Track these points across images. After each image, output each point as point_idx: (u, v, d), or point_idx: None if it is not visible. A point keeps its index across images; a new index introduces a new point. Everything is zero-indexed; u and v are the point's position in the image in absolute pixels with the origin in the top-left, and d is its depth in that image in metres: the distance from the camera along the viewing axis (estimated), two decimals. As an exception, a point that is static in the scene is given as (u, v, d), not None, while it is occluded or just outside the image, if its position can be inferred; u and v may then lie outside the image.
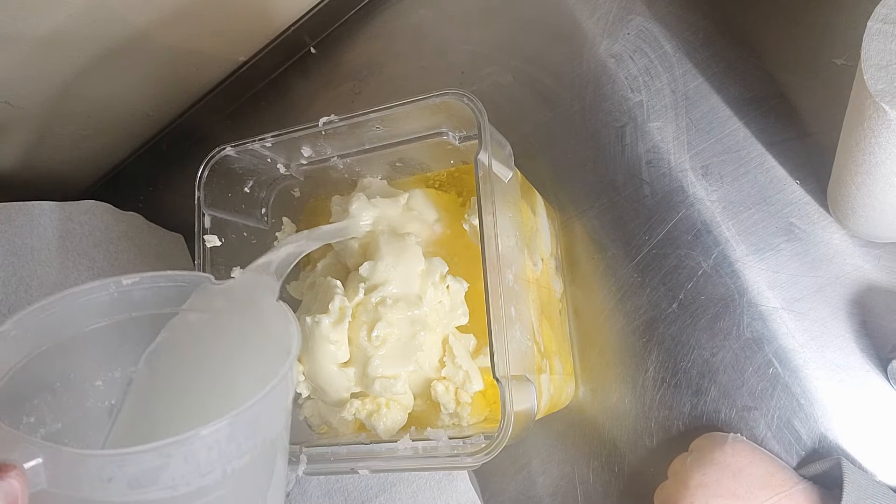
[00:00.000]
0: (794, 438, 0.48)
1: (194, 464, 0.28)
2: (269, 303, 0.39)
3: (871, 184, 0.39)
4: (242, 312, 0.39)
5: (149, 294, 0.37)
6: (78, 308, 0.35)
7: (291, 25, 0.65)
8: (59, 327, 0.34)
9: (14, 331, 0.32)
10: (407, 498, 0.55)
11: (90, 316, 0.36)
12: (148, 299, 0.38)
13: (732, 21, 0.54)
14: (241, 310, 0.39)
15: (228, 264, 0.50)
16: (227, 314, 0.39)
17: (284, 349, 0.34)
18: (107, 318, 0.36)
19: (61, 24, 0.52)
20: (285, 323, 0.37)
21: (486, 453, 0.37)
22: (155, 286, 0.38)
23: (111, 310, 0.36)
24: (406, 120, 0.45)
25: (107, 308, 0.36)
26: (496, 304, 0.38)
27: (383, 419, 0.45)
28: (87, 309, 0.35)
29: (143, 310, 0.37)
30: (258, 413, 0.30)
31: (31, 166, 0.65)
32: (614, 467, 0.52)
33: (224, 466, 0.29)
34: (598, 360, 0.54)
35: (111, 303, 0.36)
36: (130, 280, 0.36)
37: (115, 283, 0.36)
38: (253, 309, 0.39)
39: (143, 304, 0.37)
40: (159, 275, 0.38)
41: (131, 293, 0.37)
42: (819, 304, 0.49)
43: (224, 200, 0.50)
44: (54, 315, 0.34)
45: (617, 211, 0.55)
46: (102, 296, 0.36)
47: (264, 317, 0.38)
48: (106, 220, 0.59)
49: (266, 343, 0.37)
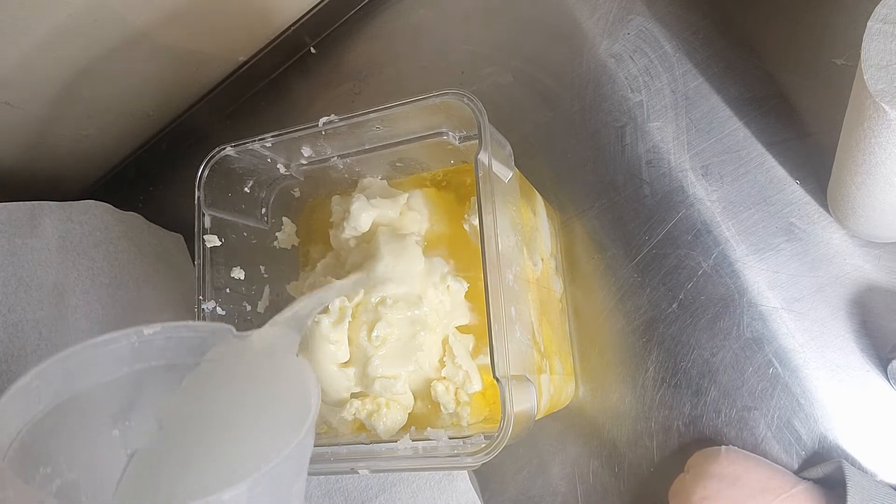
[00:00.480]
0: (794, 438, 0.48)
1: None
2: (290, 358, 0.39)
3: (871, 184, 0.39)
4: (262, 366, 0.39)
5: (169, 343, 0.37)
6: (99, 358, 0.35)
7: (291, 25, 0.65)
8: (80, 377, 0.34)
9: (35, 382, 0.32)
10: (407, 498, 0.55)
11: (110, 365, 0.35)
12: (168, 349, 0.37)
13: (732, 21, 0.54)
14: (261, 364, 0.39)
15: (228, 264, 0.50)
16: (248, 368, 0.39)
17: (304, 406, 0.34)
18: (127, 367, 0.36)
19: (61, 24, 0.52)
20: (305, 379, 0.36)
21: (486, 453, 0.37)
22: (176, 336, 0.37)
23: (132, 359, 0.36)
24: (406, 120, 0.45)
25: (127, 358, 0.36)
26: (496, 304, 0.37)
27: (383, 419, 0.45)
28: (108, 359, 0.35)
29: (163, 359, 0.37)
30: (279, 473, 0.30)
31: (31, 166, 0.65)
32: (614, 467, 0.52)
33: None
34: (598, 360, 0.54)
35: (132, 352, 0.36)
36: (152, 330, 0.36)
37: (136, 334, 0.35)
38: (273, 363, 0.39)
39: (164, 353, 0.37)
40: (180, 325, 0.37)
41: (152, 342, 0.36)
42: (819, 304, 0.49)
43: (224, 200, 0.50)
44: (75, 365, 0.33)
45: (617, 211, 0.55)
46: (123, 346, 0.35)
47: (284, 371, 0.38)
48: (106, 220, 0.59)
49: (286, 398, 0.37)
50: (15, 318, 0.48)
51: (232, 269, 0.50)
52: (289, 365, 0.38)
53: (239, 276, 0.51)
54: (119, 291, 0.57)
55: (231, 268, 0.50)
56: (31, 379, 0.31)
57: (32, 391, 0.32)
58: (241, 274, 0.51)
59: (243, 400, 0.38)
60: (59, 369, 0.33)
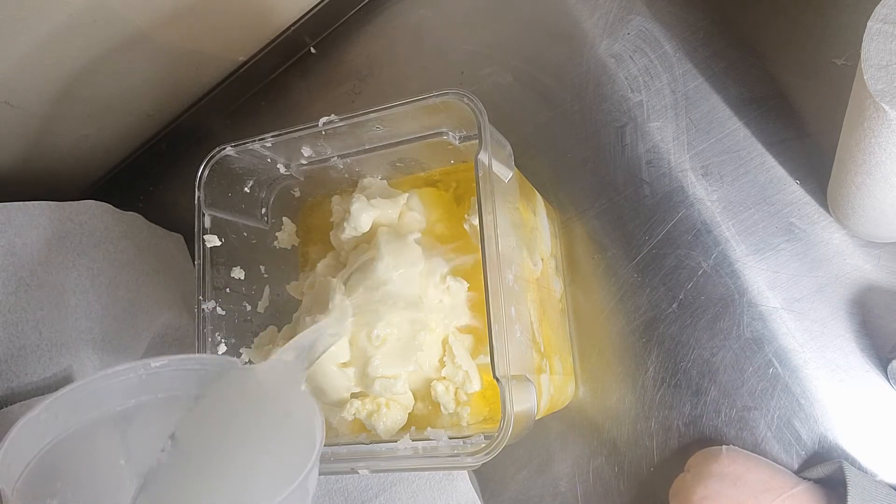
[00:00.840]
0: (794, 438, 0.48)
1: None
2: (295, 391, 0.39)
3: (871, 184, 0.39)
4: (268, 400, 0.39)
5: (176, 375, 0.38)
6: (107, 389, 0.35)
7: (291, 25, 0.65)
8: (88, 409, 0.35)
9: (44, 415, 0.32)
10: (407, 498, 0.55)
11: (118, 397, 0.36)
12: (175, 381, 0.38)
13: (732, 21, 0.54)
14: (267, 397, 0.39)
15: (228, 264, 0.50)
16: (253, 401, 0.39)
17: (310, 440, 0.34)
18: (134, 400, 0.36)
19: (61, 24, 0.52)
20: (310, 413, 0.37)
21: (486, 453, 0.37)
22: (182, 368, 0.38)
23: (139, 391, 0.36)
24: (406, 120, 0.45)
25: (135, 389, 0.36)
26: (496, 304, 0.37)
27: (383, 419, 0.45)
28: (116, 390, 0.36)
29: (170, 391, 0.38)
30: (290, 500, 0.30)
31: (31, 166, 0.65)
32: (614, 467, 0.52)
33: None
34: (598, 360, 0.54)
35: (139, 384, 0.36)
36: (159, 363, 0.36)
37: (143, 366, 0.36)
38: (279, 397, 0.39)
39: (171, 385, 0.38)
40: (187, 358, 0.38)
41: (159, 374, 0.37)
42: (819, 304, 0.49)
43: (224, 200, 0.50)
44: (83, 397, 0.34)
45: (617, 211, 0.55)
46: (131, 378, 0.36)
47: (290, 405, 0.39)
48: (106, 220, 0.59)
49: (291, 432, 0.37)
50: (15, 318, 0.48)
51: (232, 269, 0.50)
52: (295, 399, 0.39)
53: (239, 276, 0.51)
54: (119, 291, 0.56)
55: (231, 268, 0.50)
56: (41, 412, 0.32)
57: (41, 424, 0.32)
58: (241, 274, 0.51)
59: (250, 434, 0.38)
60: (68, 401, 0.33)
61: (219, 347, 0.47)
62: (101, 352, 0.53)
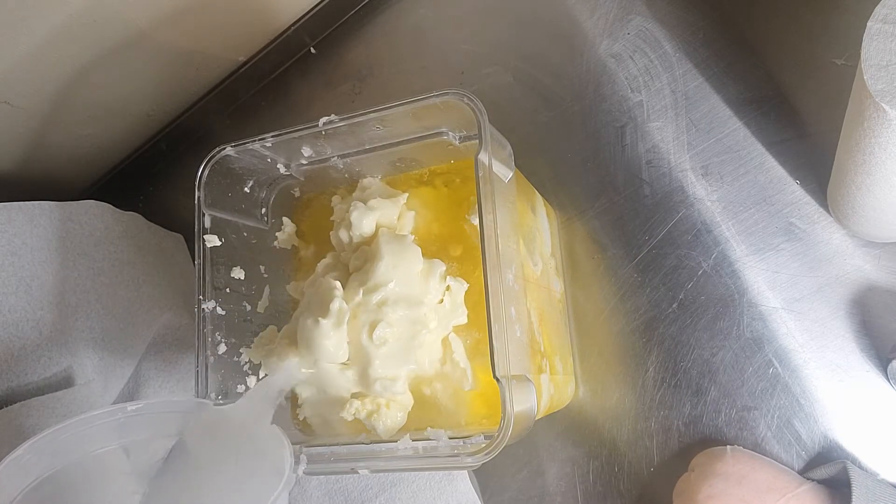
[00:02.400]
0: (794, 438, 0.48)
1: None
2: (265, 427, 0.42)
3: (871, 184, 0.39)
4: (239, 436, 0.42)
5: (153, 420, 0.40)
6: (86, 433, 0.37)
7: (291, 25, 0.65)
8: (68, 452, 0.36)
9: (27, 456, 0.33)
10: (407, 498, 0.55)
11: (96, 440, 0.38)
12: (152, 424, 0.40)
13: (732, 21, 0.54)
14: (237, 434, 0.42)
15: (228, 264, 0.50)
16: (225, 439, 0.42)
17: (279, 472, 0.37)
18: (112, 443, 0.38)
19: (61, 24, 0.52)
20: (279, 447, 0.39)
21: (486, 453, 0.37)
22: (157, 412, 0.40)
23: (118, 434, 0.38)
24: (406, 120, 0.45)
25: (113, 433, 0.38)
26: (496, 304, 0.37)
27: (383, 419, 0.45)
28: (95, 434, 0.37)
29: (146, 433, 0.40)
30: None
31: (32, 166, 0.65)
32: (614, 467, 0.52)
33: None
34: (598, 360, 0.54)
35: (117, 427, 0.38)
36: (135, 406, 0.39)
37: (121, 410, 0.38)
38: (249, 433, 0.42)
39: (148, 427, 0.40)
40: (161, 401, 0.41)
41: (136, 418, 0.39)
42: (819, 304, 0.49)
43: (224, 200, 0.50)
44: (64, 440, 0.36)
45: (617, 211, 0.55)
46: (109, 422, 0.38)
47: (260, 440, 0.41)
48: (106, 220, 0.59)
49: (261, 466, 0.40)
50: (15, 317, 0.48)
51: (232, 269, 0.50)
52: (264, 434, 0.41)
53: (239, 276, 0.51)
54: (119, 291, 0.56)
55: (231, 268, 0.50)
56: (24, 452, 0.33)
57: (24, 464, 0.33)
58: (241, 274, 0.51)
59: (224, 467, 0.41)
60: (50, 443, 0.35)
61: (219, 347, 0.47)
62: (102, 352, 0.53)
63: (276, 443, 0.40)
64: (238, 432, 0.42)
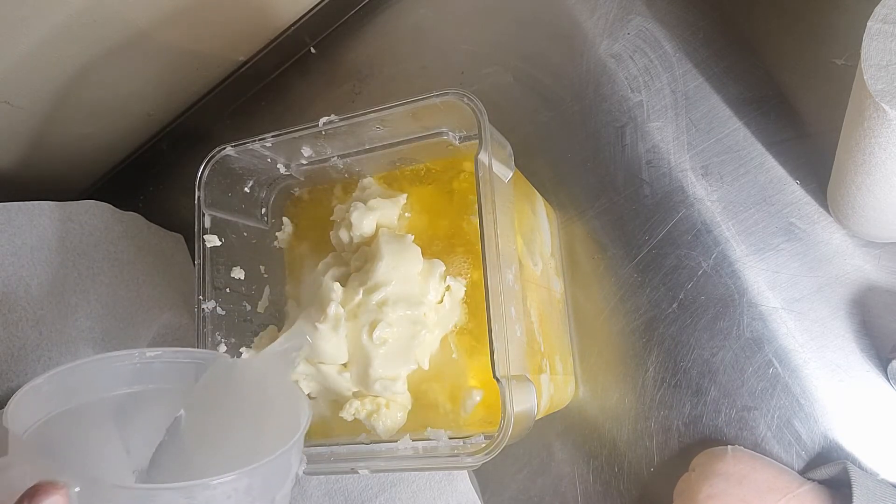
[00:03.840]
0: (794, 438, 0.48)
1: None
2: (283, 380, 0.42)
3: (871, 184, 0.39)
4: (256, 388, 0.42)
5: (167, 368, 0.40)
6: (102, 374, 0.37)
7: (291, 25, 0.65)
8: (84, 390, 0.37)
9: (46, 386, 0.34)
10: (407, 498, 0.55)
11: (112, 383, 0.38)
12: (166, 373, 0.40)
13: (732, 21, 0.54)
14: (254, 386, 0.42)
15: (228, 264, 0.50)
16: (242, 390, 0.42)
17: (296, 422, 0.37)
18: (126, 388, 0.38)
19: (61, 24, 0.52)
20: (296, 399, 0.40)
21: (486, 453, 0.37)
22: (174, 361, 0.40)
23: (132, 379, 0.39)
24: (406, 120, 0.45)
25: (128, 378, 0.39)
26: (496, 304, 0.37)
27: (383, 419, 0.45)
28: (110, 377, 0.38)
29: (160, 383, 0.40)
30: (272, 471, 0.32)
31: (31, 166, 0.65)
32: (614, 467, 0.52)
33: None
34: (598, 360, 0.54)
35: (133, 373, 0.39)
36: (153, 353, 0.39)
37: (139, 354, 0.39)
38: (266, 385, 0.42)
39: (162, 377, 0.40)
40: (179, 351, 0.41)
41: (152, 365, 0.39)
42: (819, 304, 0.49)
43: (224, 200, 0.50)
44: (81, 378, 0.36)
45: (617, 211, 0.55)
46: (126, 365, 0.38)
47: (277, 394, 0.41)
48: (106, 220, 0.59)
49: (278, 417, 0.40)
50: (15, 317, 0.48)
51: (232, 269, 0.50)
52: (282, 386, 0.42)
53: (239, 276, 0.51)
54: (119, 291, 0.57)
55: (231, 268, 0.50)
56: (43, 382, 0.34)
57: (42, 394, 0.34)
58: (241, 274, 0.51)
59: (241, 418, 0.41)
60: (67, 377, 0.35)
61: (219, 347, 0.47)
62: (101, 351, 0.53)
63: (293, 396, 0.40)
64: (255, 384, 0.42)
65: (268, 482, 0.32)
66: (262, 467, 0.32)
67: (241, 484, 0.31)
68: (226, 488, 0.30)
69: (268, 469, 0.32)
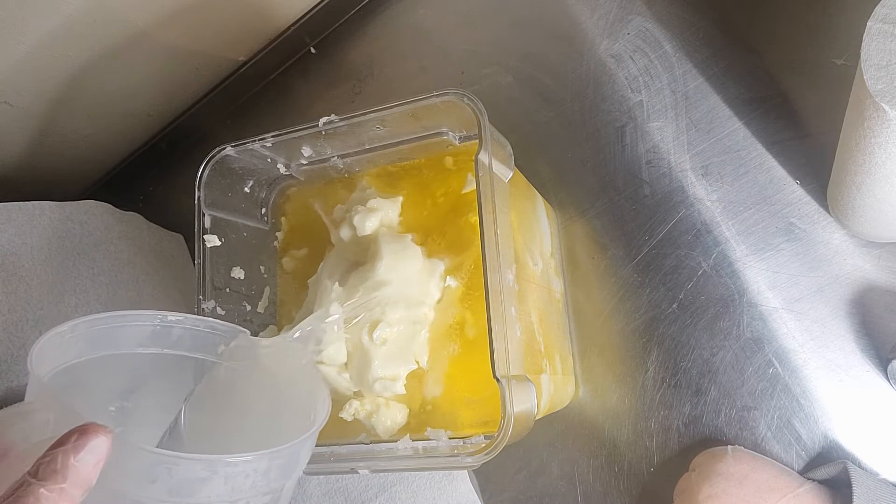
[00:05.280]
0: (794, 438, 0.48)
1: (231, 486, 0.29)
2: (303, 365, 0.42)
3: (871, 184, 0.39)
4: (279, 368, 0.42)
5: (186, 335, 0.40)
6: (123, 331, 0.37)
7: (291, 25, 0.65)
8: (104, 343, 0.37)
9: (69, 334, 0.34)
10: (407, 498, 0.55)
11: (131, 341, 0.38)
12: (184, 340, 0.40)
13: (732, 21, 0.54)
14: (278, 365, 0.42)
15: (228, 264, 0.50)
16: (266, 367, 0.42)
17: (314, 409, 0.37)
18: (143, 348, 0.38)
19: (61, 24, 0.52)
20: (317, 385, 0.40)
21: (486, 453, 0.37)
22: (194, 329, 0.40)
23: (150, 341, 0.39)
24: (406, 120, 0.45)
25: (147, 338, 0.38)
26: (496, 304, 0.37)
27: (383, 419, 0.45)
28: (130, 334, 0.38)
29: (178, 349, 0.40)
30: (290, 456, 0.32)
31: (31, 166, 0.65)
32: (614, 467, 0.52)
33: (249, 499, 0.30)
34: (598, 360, 0.54)
35: (151, 334, 0.38)
36: (175, 317, 0.39)
37: (161, 317, 0.38)
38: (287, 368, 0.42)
39: (180, 343, 0.40)
40: (200, 319, 0.40)
41: (171, 330, 0.39)
42: (819, 304, 0.49)
43: (224, 200, 0.50)
44: (102, 331, 0.36)
45: (617, 211, 0.55)
46: (146, 325, 0.38)
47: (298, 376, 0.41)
48: (106, 220, 0.59)
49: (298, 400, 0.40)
50: (15, 317, 0.48)
51: (232, 269, 0.50)
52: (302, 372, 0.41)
53: (239, 276, 0.51)
54: (119, 291, 0.57)
55: (231, 268, 0.50)
56: (67, 329, 0.34)
57: (65, 341, 0.34)
58: (241, 274, 0.51)
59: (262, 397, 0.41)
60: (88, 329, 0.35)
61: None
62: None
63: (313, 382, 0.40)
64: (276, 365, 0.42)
65: (284, 468, 0.32)
66: (282, 451, 0.31)
67: (261, 465, 0.31)
68: (246, 467, 0.30)
69: (287, 454, 0.32)
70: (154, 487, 0.28)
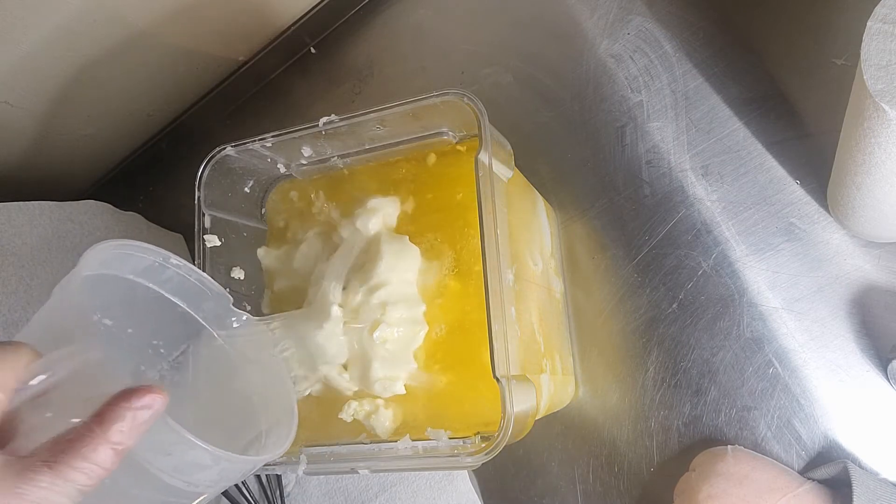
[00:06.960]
0: (794, 438, 0.48)
1: (217, 478, 0.32)
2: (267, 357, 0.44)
3: (871, 184, 0.39)
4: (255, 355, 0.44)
5: (175, 278, 0.41)
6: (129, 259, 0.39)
7: (291, 25, 0.65)
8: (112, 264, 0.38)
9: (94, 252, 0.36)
10: (407, 498, 0.55)
11: (125, 268, 0.39)
12: (171, 281, 0.41)
13: (732, 21, 0.54)
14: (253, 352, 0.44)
15: (228, 264, 0.50)
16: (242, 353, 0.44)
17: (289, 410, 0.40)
18: (133, 276, 0.39)
19: (61, 24, 0.52)
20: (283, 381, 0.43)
21: (485, 453, 0.37)
22: (184, 275, 0.41)
23: (147, 275, 0.40)
24: (406, 120, 0.45)
25: (140, 270, 0.40)
26: (496, 304, 0.37)
27: (383, 419, 0.45)
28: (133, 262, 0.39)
29: (163, 288, 0.41)
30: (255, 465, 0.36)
31: (31, 166, 0.65)
32: (614, 467, 0.52)
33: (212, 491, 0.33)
34: (598, 360, 0.54)
35: (146, 268, 0.40)
36: (176, 261, 0.40)
37: (164, 257, 0.40)
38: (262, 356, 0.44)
39: (166, 283, 0.41)
40: (194, 269, 0.42)
41: (165, 270, 0.40)
42: (819, 304, 0.49)
43: (224, 200, 0.50)
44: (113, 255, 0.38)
45: (617, 211, 0.55)
46: (148, 258, 0.39)
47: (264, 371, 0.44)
48: (106, 220, 0.59)
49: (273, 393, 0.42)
50: (15, 317, 0.48)
51: (232, 269, 0.50)
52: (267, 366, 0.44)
53: (239, 276, 0.51)
54: (119, 291, 0.56)
55: (231, 268, 0.50)
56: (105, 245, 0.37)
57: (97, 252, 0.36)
58: (241, 274, 0.51)
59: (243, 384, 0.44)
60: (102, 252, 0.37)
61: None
62: (102, 351, 0.53)
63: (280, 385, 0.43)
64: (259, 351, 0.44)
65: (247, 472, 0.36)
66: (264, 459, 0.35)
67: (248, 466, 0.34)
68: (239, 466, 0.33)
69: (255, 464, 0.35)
70: (166, 461, 0.29)
